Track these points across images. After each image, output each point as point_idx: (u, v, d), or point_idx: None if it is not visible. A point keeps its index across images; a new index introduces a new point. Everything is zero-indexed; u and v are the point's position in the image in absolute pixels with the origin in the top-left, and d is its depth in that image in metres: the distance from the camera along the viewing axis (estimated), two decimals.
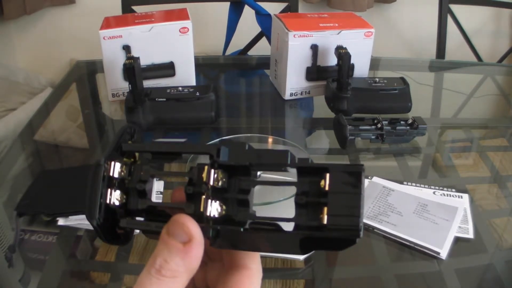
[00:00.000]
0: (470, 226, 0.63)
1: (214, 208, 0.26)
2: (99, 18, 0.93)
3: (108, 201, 0.27)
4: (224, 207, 0.26)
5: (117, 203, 0.27)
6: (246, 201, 0.27)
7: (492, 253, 0.61)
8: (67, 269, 0.59)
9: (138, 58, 0.79)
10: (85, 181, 0.27)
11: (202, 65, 1.14)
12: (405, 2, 1.78)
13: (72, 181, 0.65)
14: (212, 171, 0.26)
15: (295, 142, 0.74)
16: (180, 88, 0.85)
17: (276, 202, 0.61)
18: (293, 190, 0.27)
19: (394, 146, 0.81)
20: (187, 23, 0.89)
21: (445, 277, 0.56)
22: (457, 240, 0.60)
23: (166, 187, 0.68)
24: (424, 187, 0.70)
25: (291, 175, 0.27)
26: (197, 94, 0.83)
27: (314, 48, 0.90)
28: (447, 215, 0.63)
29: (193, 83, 0.95)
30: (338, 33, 0.89)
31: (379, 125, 0.78)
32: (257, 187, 0.27)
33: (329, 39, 0.89)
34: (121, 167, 0.28)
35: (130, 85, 0.80)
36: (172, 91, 0.84)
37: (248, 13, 1.28)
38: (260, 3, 1.22)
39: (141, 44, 0.88)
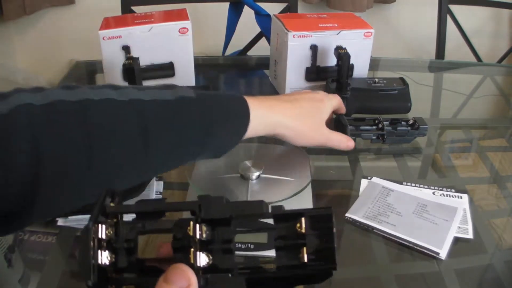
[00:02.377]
0: (470, 226, 0.63)
1: (202, 259, 0.29)
2: (98, 18, 0.93)
3: (99, 262, 0.29)
4: (210, 257, 0.29)
5: (107, 262, 0.29)
6: (230, 249, 0.29)
7: (492, 253, 0.61)
8: (67, 269, 0.59)
9: (137, 59, 0.79)
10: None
11: (202, 65, 1.14)
12: (405, 2, 1.79)
13: None
14: (197, 225, 0.29)
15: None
16: None
17: (275, 203, 0.61)
18: (294, 188, 0.30)
19: (395, 146, 0.81)
20: (187, 24, 0.89)
21: (445, 277, 0.56)
22: (457, 240, 0.60)
23: (165, 187, 0.68)
24: (424, 188, 0.70)
25: (288, 174, 0.30)
26: None
27: (314, 48, 0.90)
28: (447, 216, 0.63)
29: (193, 83, 0.95)
30: (337, 34, 0.89)
31: (380, 126, 0.78)
32: (257, 187, 0.29)
33: (329, 40, 0.89)
34: (107, 228, 0.30)
35: None
36: None
37: (247, 13, 1.28)
38: (259, 4, 1.22)
39: (140, 45, 0.88)
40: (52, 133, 0.43)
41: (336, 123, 0.75)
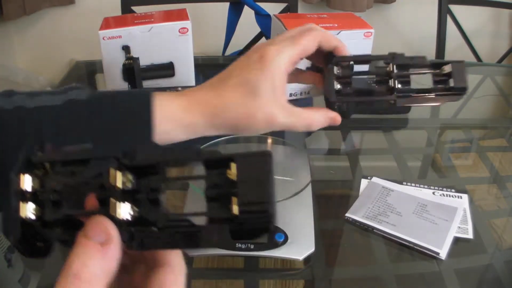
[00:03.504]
0: (470, 226, 0.63)
1: (125, 211, 0.26)
2: (98, 18, 0.93)
3: (23, 216, 0.26)
4: (136, 209, 0.26)
5: (32, 216, 0.27)
6: (157, 200, 0.26)
7: (492, 253, 0.61)
8: None
9: (137, 59, 0.79)
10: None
11: (202, 65, 1.14)
12: (405, 2, 1.78)
13: None
14: (119, 173, 0.26)
15: (294, 142, 0.74)
16: (180, 88, 0.85)
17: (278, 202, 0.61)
18: (294, 188, 0.28)
19: (394, 146, 0.81)
20: (187, 23, 0.89)
21: (445, 277, 0.56)
22: (457, 240, 0.60)
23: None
24: (424, 188, 0.70)
25: (288, 174, 0.27)
26: None
27: None
28: (447, 216, 0.63)
29: (193, 83, 0.95)
30: (337, 34, 0.89)
31: (390, 84, 0.48)
32: None
33: None
34: (33, 179, 0.27)
35: (129, 86, 0.80)
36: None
37: (247, 13, 1.28)
38: (259, 4, 1.22)
39: (140, 45, 0.88)
40: None
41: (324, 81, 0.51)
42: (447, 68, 0.45)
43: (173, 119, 0.45)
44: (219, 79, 0.48)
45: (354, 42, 0.89)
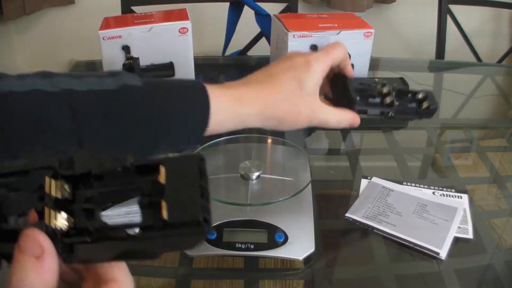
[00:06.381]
0: (470, 226, 0.63)
1: (59, 221, 0.25)
2: (98, 18, 0.93)
3: None
4: (72, 219, 0.25)
5: None
6: (91, 210, 0.25)
7: (492, 253, 0.61)
8: None
9: (137, 59, 0.79)
10: None
11: (202, 65, 1.14)
12: (405, 2, 1.79)
13: None
14: (54, 181, 0.25)
15: (294, 142, 0.74)
16: None
17: (275, 203, 0.61)
18: (294, 189, 0.27)
19: (394, 145, 0.81)
20: (187, 24, 0.89)
21: (445, 278, 0.56)
22: (457, 240, 0.60)
23: None
24: (424, 187, 0.70)
25: (288, 174, 0.26)
26: None
27: (314, 48, 0.90)
28: (447, 215, 0.63)
29: None
30: (337, 34, 0.89)
31: (387, 101, 0.61)
32: (257, 187, 0.26)
33: (329, 40, 0.89)
34: None
35: None
36: None
37: (247, 13, 1.28)
38: (259, 3, 1.22)
39: (140, 45, 0.88)
40: None
41: (342, 91, 0.60)
42: (421, 94, 0.61)
43: (227, 109, 0.48)
44: (266, 76, 0.53)
45: (354, 42, 0.89)
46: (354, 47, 0.86)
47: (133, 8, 1.27)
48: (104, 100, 0.43)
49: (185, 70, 0.93)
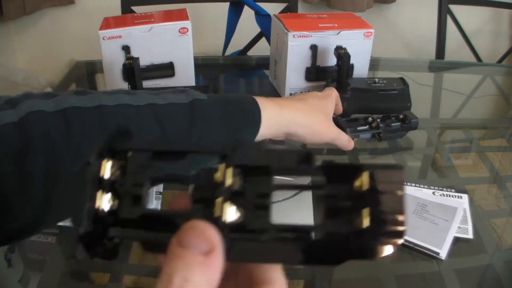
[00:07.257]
0: (470, 226, 0.63)
1: (231, 213, 0.22)
2: (98, 18, 0.93)
3: (97, 206, 0.23)
4: (240, 214, 0.23)
5: (107, 208, 0.23)
6: (266, 207, 0.23)
7: (492, 253, 0.61)
8: (66, 270, 0.59)
9: (137, 59, 0.79)
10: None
11: (202, 65, 1.14)
12: (405, 2, 1.79)
13: None
14: (229, 169, 0.23)
15: (294, 142, 0.74)
16: None
17: (275, 203, 0.61)
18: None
19: (393, 146, 0.81)
20: (187, 24, 0.89)
21: (445, 278, 0.56)
22: (457, 240, 0.60)
23: (165, 187, 0.68)
24: (424, 187, 0.70)
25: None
26: None
27: (314, 48, 0.90)
28: (447, 216, 0.63)
29: (193, 83, 0.95)
30: (337, 34, 0.89)
31: (373, 124, 0.78)
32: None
33: (329, 40, 0.89)
34: (114, 167, 0.24)
35: (129, 86, 0.80)
36: None
37: (247, 13, 1.28)
38: (259, 4, 1.22)
39: (140, 45, 0.88)
40: (69, 144, 0.41)
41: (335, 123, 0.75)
42: (401, 115, 0.79)
43: (273, 117, 0.56)
44: (297, 99, 0.64)
45: (354, 42, 0.89)
46: (354, 47, 0.86)
47: (133, 8, 1.27)
48: (183, 112, 0.49)
49: (185, 70, 0.93)
